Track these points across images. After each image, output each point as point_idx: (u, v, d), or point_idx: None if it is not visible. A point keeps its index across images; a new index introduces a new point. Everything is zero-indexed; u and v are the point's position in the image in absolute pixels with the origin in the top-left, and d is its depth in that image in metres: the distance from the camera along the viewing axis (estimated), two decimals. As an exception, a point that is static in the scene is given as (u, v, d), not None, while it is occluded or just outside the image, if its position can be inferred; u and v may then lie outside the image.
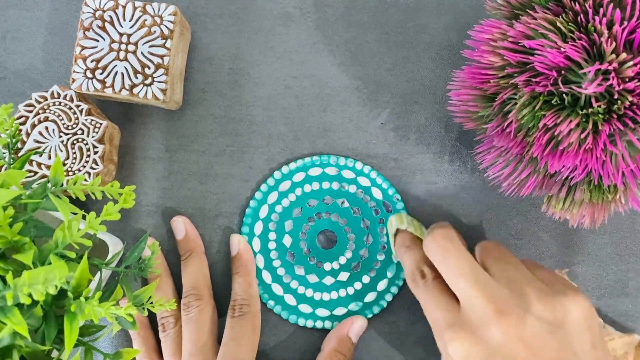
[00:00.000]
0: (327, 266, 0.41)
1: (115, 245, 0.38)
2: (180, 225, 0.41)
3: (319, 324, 0.41)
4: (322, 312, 0.41)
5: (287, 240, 0.41)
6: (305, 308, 0.41)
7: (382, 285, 0.41)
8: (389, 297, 0.41)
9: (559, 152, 0.31)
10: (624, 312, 0.40)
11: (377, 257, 0.41)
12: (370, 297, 0.41)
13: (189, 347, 0.38)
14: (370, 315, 0.41)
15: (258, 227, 0.41)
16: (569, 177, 0.33)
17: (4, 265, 0.27)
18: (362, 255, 0.41)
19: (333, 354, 0.38)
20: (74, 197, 0.32)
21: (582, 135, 0.29)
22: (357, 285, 0.41)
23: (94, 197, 0.31)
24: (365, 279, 0.41)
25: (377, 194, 0.41)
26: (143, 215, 0.42)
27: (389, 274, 0.41)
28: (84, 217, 0.32)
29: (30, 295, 0.24)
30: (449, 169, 0.42)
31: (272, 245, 0.41)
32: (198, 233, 0.41)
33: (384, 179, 0.41)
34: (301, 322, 0.41)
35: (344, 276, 0.41)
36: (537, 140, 0.31)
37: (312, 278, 0.41)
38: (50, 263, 0.28)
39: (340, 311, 0.41)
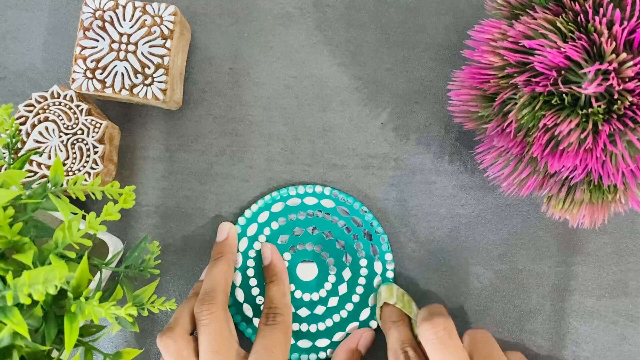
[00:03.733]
0: (315, 296, 0.41)
1: (115, 245, 0.38)
2: (225, 228, 0.41)
3: (322, 355, 0.40)
4: (322, 342, 0.40)
5: None
6: (304, 343, 0.40)
7: (372, 299, 0.40)
8: None
9: (559, 152, 0.31)
10: (624, 312, 0.40)
11: (360, 273, 0.41)
12: (364, 314, 0.40)
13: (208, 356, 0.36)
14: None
15: (237, 277, 0.41)
16: (569, 177, 0.33)
17: (4, 265, 0.27)
18: (345, 276, 0.41)
19: None
20: (74, 197, 0.32)
21: (582, 135, 0.29)
22: (349, 307, 0.40)
23: (94, 197, 0.31)
24: (355, 298, 0.40)
25: (343, 212, 0.41)
26: (143, 215, 0.42)
27: (376, 286, 0.40)
28: (84, 217, 0.32)
29: (30, 295, 0.24)
30: (449, 169, 0.42)
31: (255, 291, 0.41)
32: (237, 242, 0.41)
33: (347, 196, 0.41)
34: (304, 358, 0.40)
35: (334, 301, 0.40)
36: (537, 140, 0.31)
37: (303, 312, 0.40)
38: (50, 263, 0.28)
39: (339, 336, 0.40)
